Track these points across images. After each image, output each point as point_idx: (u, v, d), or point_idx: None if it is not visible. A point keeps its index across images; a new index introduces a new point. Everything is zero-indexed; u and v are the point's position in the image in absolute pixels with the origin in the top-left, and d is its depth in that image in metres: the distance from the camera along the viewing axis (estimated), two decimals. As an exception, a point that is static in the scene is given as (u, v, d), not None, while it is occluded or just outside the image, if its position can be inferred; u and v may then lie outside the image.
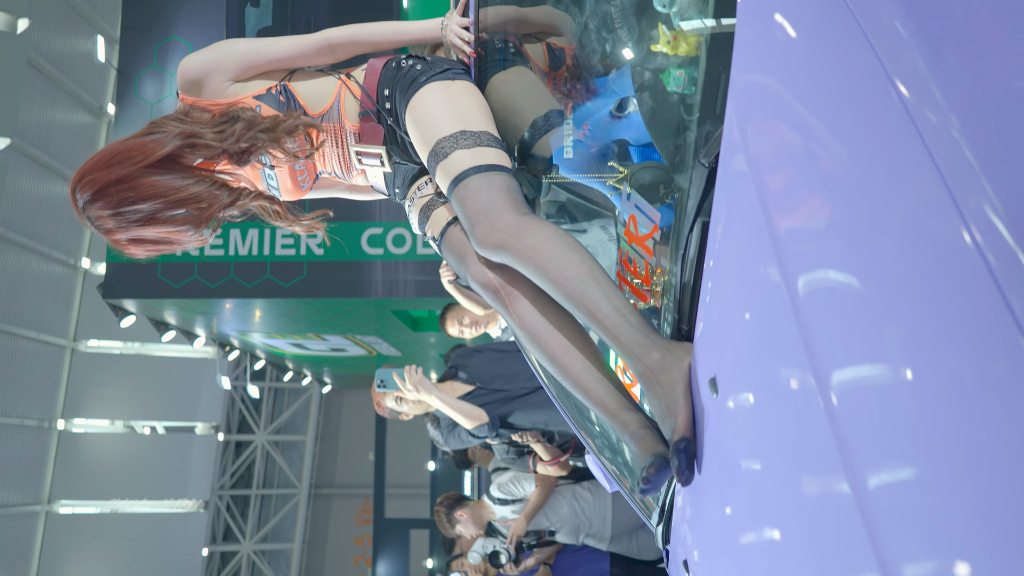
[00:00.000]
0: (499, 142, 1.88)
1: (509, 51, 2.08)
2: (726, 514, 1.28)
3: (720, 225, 1.24)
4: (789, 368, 1.00)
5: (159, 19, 8.53)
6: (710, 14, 1.39)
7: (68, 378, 13.46)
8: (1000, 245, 0.70)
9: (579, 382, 1.67)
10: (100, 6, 12.32)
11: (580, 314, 1.57)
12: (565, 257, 1.61)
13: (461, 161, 1.81)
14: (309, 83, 2.06)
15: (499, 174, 1.80)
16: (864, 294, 0.86)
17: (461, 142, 1.83)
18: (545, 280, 1.62)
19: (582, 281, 1.57)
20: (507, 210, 1.73)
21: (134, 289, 8.27)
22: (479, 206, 1.75)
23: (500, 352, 4.28)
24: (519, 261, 1.67)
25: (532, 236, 1.66)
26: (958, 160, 0.75)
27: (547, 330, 1.71)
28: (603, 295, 1.55)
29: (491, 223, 1.72)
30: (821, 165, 0.97)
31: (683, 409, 1.36)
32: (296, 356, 13.34)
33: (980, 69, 0.80)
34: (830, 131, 0.96)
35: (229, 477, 17.22)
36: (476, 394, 4.09)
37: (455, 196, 1.81)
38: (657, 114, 1.65)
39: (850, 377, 0.87)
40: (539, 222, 1.70)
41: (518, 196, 1.79)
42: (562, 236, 1.65)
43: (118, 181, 1.76)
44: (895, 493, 0.78)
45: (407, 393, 3.85)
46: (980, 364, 0.71)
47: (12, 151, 10.75)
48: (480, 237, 1.73)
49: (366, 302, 8.26)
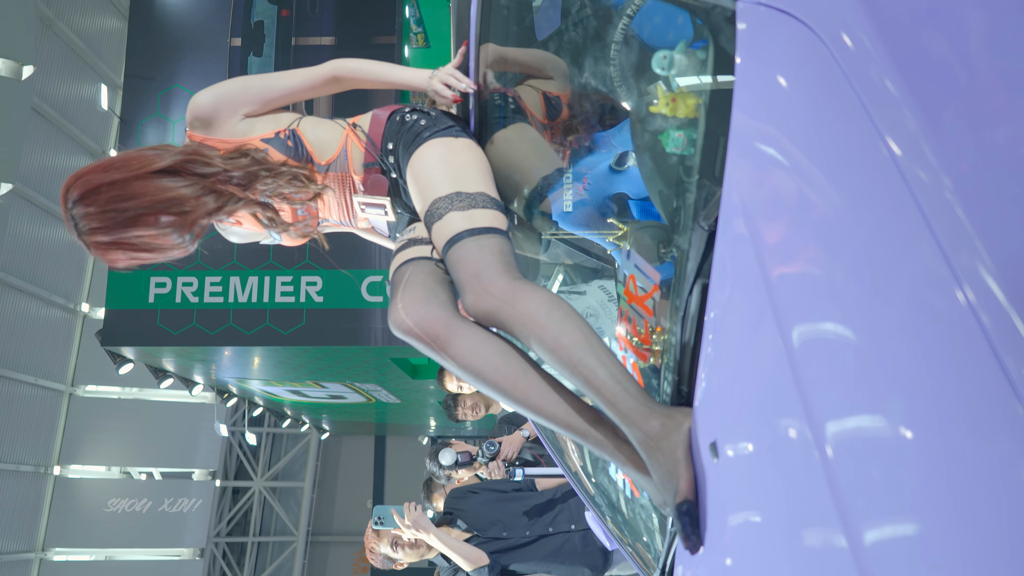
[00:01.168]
0: (496, 203, 1.87)
1: (509, 107, 2.09)
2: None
3: (719, 288, 1.24)
4: (789, 433, 1.00)
5: (162, 68, 8.61)
6: (709, 77, 1.39)
7: (65, 423, 13.42)
8: (994, 306, 0.71)
9: (540, 410, 1.63)
10: (104, 54, 12.47)
11: (576, 381, 1.54)
12: (560, 324, 1.58)
13: (455, 223, 1.80)
14: (317, 130, 2.06)
15: (492, 237, 1.78)
16: (863, 359, 0.86)
17: (456, 203, 1.82)
18: (540, 347, 1.60)
19: (578, 348, 1.54)
20: (499, 275, 1.71)
21: (133, 336, 8.25)
22: (471, 270, 1.73)
23: (498, 493, 4.11)
24: (512, 327, 1.65)
25: (526, 302, 1.64)
26: (954, 224, 0.76)
27: (489, 367, 1.66)
28: (599, 363, 1.52)
29: (483, 288, 1.70)
30: (819, 229, 0.97)
31: (685, 472, 1.34)
32: (294, 403, 13.29)
33: (975, 131, 0.81)
34: (827, 194, 0.96)
35: (226, 524, 17.08)
36: (474, 542, 3.91)
37: (448, 259, 1.79)
38: (656, 174, 1.65)
39: (851, 441, 0.87)
40: (532, 287, 1.68)
41: (511, 260, 1.77)
42: (556, 302, 1.63)
43: (111, 184, 1.76)
44: (893, 553, 0.78)
45: (404, 532, 3.71)
46: (975, 421, 0.72)
47: (14, 195, 10.81)
48: (471, 301, 1.71)
49: (365, 350, 8.25)
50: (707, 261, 1.28)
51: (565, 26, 2.00)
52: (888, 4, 0.93)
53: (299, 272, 7.96)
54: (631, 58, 1.71)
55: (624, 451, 1.53)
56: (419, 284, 1.80)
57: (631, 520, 2.11)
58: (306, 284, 7.95)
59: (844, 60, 0.95)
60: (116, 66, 11.97)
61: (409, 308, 1.74)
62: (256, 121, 2.05)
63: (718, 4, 1.23)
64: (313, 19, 8.57)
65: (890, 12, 0.93)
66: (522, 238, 2.19)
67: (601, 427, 1.58)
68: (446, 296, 1.78)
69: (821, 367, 0.93)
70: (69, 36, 11.76)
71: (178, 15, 8.86)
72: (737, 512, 1.19)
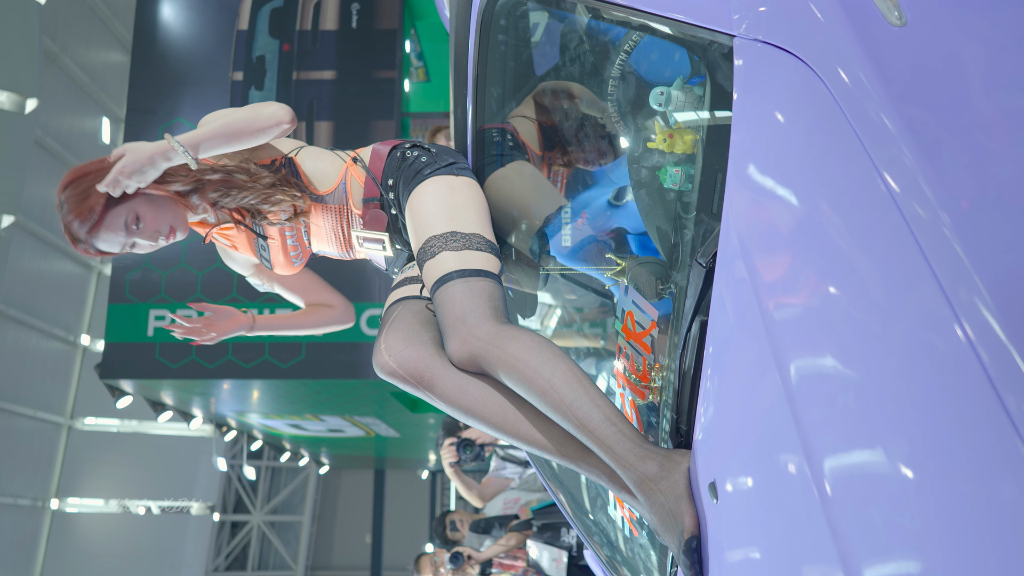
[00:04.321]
0: (491, 246, 1.85)
1: (507, 144, 2.09)
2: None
3: (718, 326, 1.23)
4: (789, 472, 0.99)
5: (164, 102, 8.64)
6: (706, 113, 1.39)
7: (63, 456, 13.35)
8: (994, 342, 0.71)
9: (531, 441, 1.63)
10: (107, 87, 12.55)
11: (569, 425, 1.52)
12: (551, 366, 1.57)
13: (446, 263, 1.79)
14: (316, 161, 2.06)
15: (482, 280, 1.76)
16: (863, 397, 0.86)
17: (450, 243, 1.81)
18: (530, 390, 1.58)
19: (570, 391, 1.53)
20: (486, 319, 1.69)
21: (132, 369, 8.21)
22: (457, 312, 1.71)
23: None
24: (501, 371, 1.63)
25: (514, 345, 1.62)
26: (952, 260, 0.77)
27: (477, 402, 1.66)
28: (593, 405, 1.51)
29: (468, 331, 1.68)
30: (818, 266, 0.97)
31: (688, 508, 1.32)
32: (293, 436, 13.24)
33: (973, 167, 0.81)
34: (826, 231, 0.96)
35: (224, 558, 16.97)
36: None
37: (436, 298, 1.77)
38: (654, 211, 1.65)
39: (850, 480, 0.86)
40: (520, 331, 1.66)
41: (500, 304, 1.75)
42: (545, 344, 1.62)
43: (102, 170, 1.88)
44: None
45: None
46: (976, 459, 0.71)
47: (16, 228, 10.83)
48: (456, 346, 1.69)
49: (365, 383, 8.21)
50: (705, 298, 1.27)
51: (563, 62, 2.01)
52: (885, 40, 0.93)
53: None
54: (628, 94, 1.71)
55: (617, 479, 1.53)
56: (403, 324, 1.80)
57: (630, 559, 2.08)
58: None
59: (841, 96, 0.95)
60: (119, 99, 12.04)
61: (392, 349, 1.75)
62: (257, 148, 2.05)
63: (715, 40, 1.23)
64: (314, 54, 8.61)
65: (887, 48, 0.93)
66: (520, 274, 2.18)
67: (592, 455, 1.58)
68: (429, 336, 1.77)
69: (820, 406, 0.92)
70: (73, 70, 11.84)
71: (180, 49, 8.91)
72: (737, 551, 1.18)
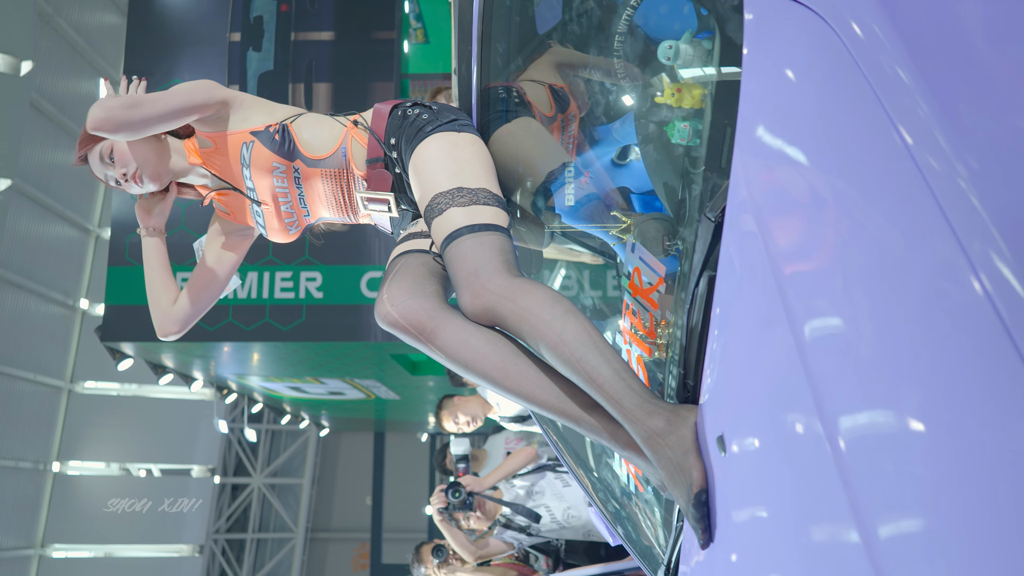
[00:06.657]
0: (498, 200, 1.85)
1: (513, 101, 2.08)
2: (736, 572, 1.25)
3: (727, 281, 1.22)
4: (800, 427, 0.99)
5: (161, 63, 8.57)
6: (714, 67, 1.38)
7: (64, 420, 13.40)
8: (1011, 295, 0.70)
9: (532, 398, 1.62)
10: (103, 49, 12.44)
11: (579, 378, 1.53)
12: (561, 320, 1.57)
13: (455, 219, 1.78)
14: (314, 128, 2.05)
15: (492, 234, 1.76)
16: (877, 351, 0.85)
17: (457, 199, 1.81)
18: (541, 343, 1.58)
19: (580, 345, 1.53)
20: (499, 272, 1.69)
21: (132, 332, 8.22)
22: (469, 267, 1.71)
23: None
24: (513, 324, 1.63)
25: (527, 299, 1.62)
26: (969, 212, 0.75)
27: (478, 356, 1.65)
28: (603, 359, 1.51)
29: (481, 284, 1.68)
30: (830, 220, 0.96)
31: (696, 462, 1.33)
32: (294, 399, 13.28)
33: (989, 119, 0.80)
34: (838, 184, 0.95)
35: (225, 520, 17.07)
36: None
37: (447, 255, 1.77)
38: (662, 166, 1.64)
39: (864, 435, 0.85)
40: (532, 284, 1.66)
41: (511, 258, 1.75)
42: (558, 298, 1.62)
43: None
44: (908, 548, 0.77)
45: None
46: (992, 411, 0.70)
47: (13, 192, 10.79)
48: (469, 300, 1.69)
49: (365, 346, 8.22)
50: (714, 253, 1.26)
51: (568, 17, 1.99)
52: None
53: (298, 268, 7.94)
54: (636, 49, 1.70)
55: (620, 436, 1.53)
56: (407, 275, 1.78)
57: (634, 515, 2.10)
58: (305, 280, 7.93)
59: (855, 49, 0.94)
60: (115, 62, 11.95)
61: (395, 299, 1.73)
62: (251, 113, 2.05)
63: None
64: (312, 14, 8.54)
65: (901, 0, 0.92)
66: (525, 231, 2.17)
67: (595, 413, 1.57)
68: (434, 288, 1.76)
69: (833, 360, 0.92)
70: (68, 32, 11.73)
71: (177, 10, 8.83)
72: (745, 506, 1.18)
